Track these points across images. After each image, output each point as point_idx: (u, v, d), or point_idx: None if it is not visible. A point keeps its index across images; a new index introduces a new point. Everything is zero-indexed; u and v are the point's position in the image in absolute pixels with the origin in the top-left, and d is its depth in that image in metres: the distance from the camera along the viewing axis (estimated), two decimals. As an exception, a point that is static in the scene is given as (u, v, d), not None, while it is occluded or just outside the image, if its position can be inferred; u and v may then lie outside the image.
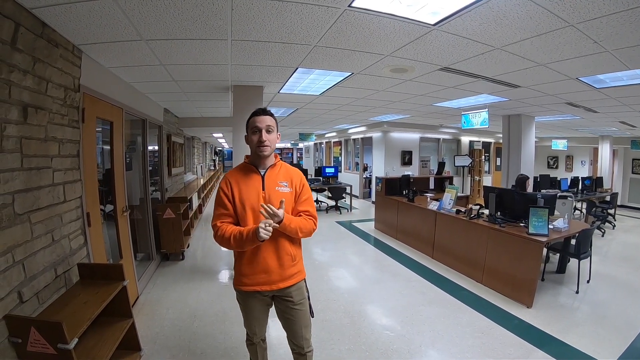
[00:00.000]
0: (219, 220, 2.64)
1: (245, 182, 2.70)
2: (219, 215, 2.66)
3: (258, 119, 2.65)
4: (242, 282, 2.74)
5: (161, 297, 5.42)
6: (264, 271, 2.69)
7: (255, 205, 2.62)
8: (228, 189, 2.68)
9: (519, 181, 7.66)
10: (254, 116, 2.68)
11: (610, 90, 5.97)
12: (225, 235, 2.54)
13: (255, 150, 2.68)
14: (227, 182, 2.70)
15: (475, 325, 4.59)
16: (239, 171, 2.77)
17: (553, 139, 16.54)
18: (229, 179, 2.72)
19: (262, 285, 2.72)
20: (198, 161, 16.47)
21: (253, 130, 2.66)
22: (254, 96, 5.92)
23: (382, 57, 4.32)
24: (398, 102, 7.78)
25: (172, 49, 3.94)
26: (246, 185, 2.68)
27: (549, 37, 3.51)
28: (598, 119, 9.75)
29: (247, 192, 2.66)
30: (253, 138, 2.66)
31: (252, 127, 2.66)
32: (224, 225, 2.60)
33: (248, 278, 2.71)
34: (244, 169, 2.78)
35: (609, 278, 6.42)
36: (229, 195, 2.66)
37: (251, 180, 2.70)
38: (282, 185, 2.74)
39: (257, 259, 2.68)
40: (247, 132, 2.73)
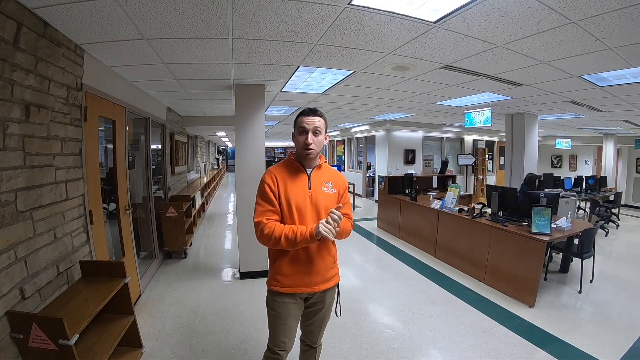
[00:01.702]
0: (264, 216, 2.47)
1: (291, 179, 2.59)
2: (264, 211, 2.49)
3: (306, 119, 2.55)
4: (281, 282, 2.59)
5: (163, 294, 5.45)
6: (307, 272, 2.60)
7: (302, 204, 2.54)
8: (274, 184, 2.54)
9: (529, 180, 7.78)
10: (303, 116, 2.57)
11: (614, 89, 5.94)
12: (275, 234, 2.38)
13: (301, 153, 2.59)
14: (272, 177, 2.56)
15: (477, 325, 4.59)
16: (284, 167, 2.65)
17: (557, 137, 16.50)
18: (274, 174, 2.57)
19: (303, 287, 2.61)
20: (201, 160, 16.47)
21: (300, 131, 2.56)
22: (256, 95, 5.92)
23: (384, 55, 4.32)
24: (400, 100, 7.77)
25: (174, 48, 3.95)
26: (293, 183, 2.57)
27: (551, 34, 3.50)
28: (602, 117, 9.71)
29: (293, 190, 2.56)
30: (300, 139, 2.56)
31: (300, 127, 2.56)
32: (270, 223, 2.44)
33: (289, 278, 2.58)
34: (290, 165, 2.67)
35: (612, 278, 6.40)
36: (275, 191, 2.53)
37: (298, 179, 2.61)
38: (327, 187, 2.69)
39: (301, 258, 2.58)
40: (295, 130, 2.63)
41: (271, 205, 2.49)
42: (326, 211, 2.55)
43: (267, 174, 2.59)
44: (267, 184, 2.53)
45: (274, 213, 2.49)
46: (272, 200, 2.50)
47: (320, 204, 2.59)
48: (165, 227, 6.95)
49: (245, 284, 5.90)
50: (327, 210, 2.55)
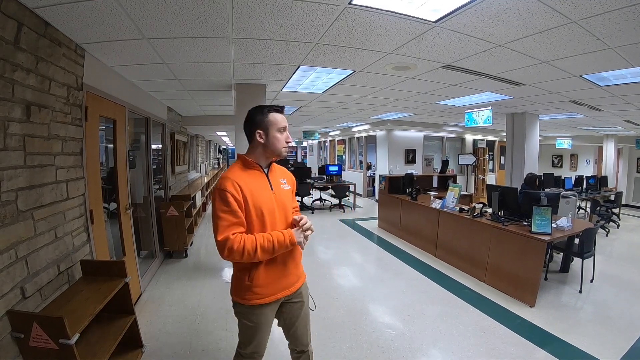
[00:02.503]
0: (229, 231, 2.24)
1: (254, 183, 2.40)
2: (228, 226, 2.25)
3: (282, 118, 2.50)
4: (260, 293, 2.44)
5: (164, 294, 5.45)
6: (283, 275, 2.53)
7: (270, 207, 2.42)
8: (238, 192, 2.29)
9: (530, 180, 7.84)
10: (278, 113, 2.49)
11: (614, 88, 5.95)
12: (247, 247, 2.22)
13: (281, 151, 2.49)
14: (235, 185, 2.30)
15: (478, 324, 4.59)
16: (242, 171, 2.44)
17: (557, 137, 16.50)
18: (236, 181, 2.31)
19: (283, 291, 2.55)
20: (202, 159, 16.47)
21: (279, 129, 2.45)
22: (256, 94, 5.92)
23: (384, 54, 4.33)
24: (401, 100, 7.78)
25: (174, 48, 3.96)
26: (256, 187, 2.40)
27: (551, 34, 3.50)
28: (602, 117, 9.71)
29: (260, 194, 2.39)
30: (280, 137, 2.46)
31: (280, 125, 2.46)
32: (237, 237, 2.23)
33: (267, 288, 2.45)
34: (247, 167, 2.47)
35: (612, 278, 6.40)
36: (240, 201, 2.29)
37: (259, 181, 2.45)
38: (283, 183, 2.63)
39: (276, 264, 2.47)
40: (268, 128, 2.44)
41: (236, 218, 2.28)
42: (290, 209, 2.58)
43: (227, 181, 2.31)
44: (230, 194, 2.27)
45: (239, 225, 2.29)
46: (237, 211, 2.28)
47: (285, 203, 2.55)
48: (166, 226, 6.95)
49: (246, 283, 5.85)
50: (290, 208, 2.61)
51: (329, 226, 10.68)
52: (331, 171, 14.16)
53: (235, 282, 2.56)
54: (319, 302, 5.12)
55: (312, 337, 3.09)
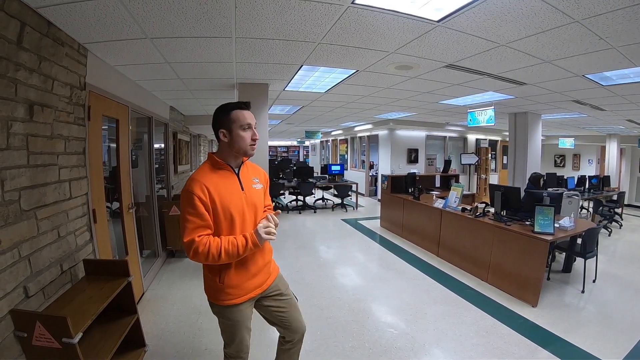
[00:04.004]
0: (195, 234, 2.25)
1: (223, 184, 2.40)
2: (194, 228, 2.26)
3: (248, 114, 2.43)
4: (231, 294, 2.47)
5: (167, 293, 5.45)
6: (254, 274, 2.55)
7: (240, 208, 2.42)
8: (205, 194, 2.28)
9: (534, 179, 7.88)
10: (241, 110, 2.42)
11: (617, 88, 5.94)
12: (212, 251, 2.23)
13: (246, 150, 2.44)
14: (202, 187, 2.28)
15: (480, 324, 4.58)
16: (210, 172, 2.42)
17: (560, 137, 16.46)
18: (203, 183, 2.30)
19: (255, 290, 2.58)
20: (204, 158, 16.48)
21: (244, 127, 2.40)
22: (259, 94, 5.95)
23: (387, 54, 4.33)
24: (404, 99, 7.78)
25: (177, 47, 3.97)
26: (225, 189, 2.39)
27: (554, 33, 3.50)
28: (605, 117, 9.70)
29: (228, 195, 2.39)
30: (245, 135, 2.41)
31: (245, 123, 2.39)
32: (203, 239, 2.25)
33: (239, 288, 2.49)
34: (216, 167, 2.46)
35: (615, 278, 6.39)
36: (207, 203, 2.29)
37: (229, 182, 2.44)
38: (256, 182, 2.63)
39: (246, 264, 2.50)
40: (231, 127, 2.40)
41: (202, 220, 2.27)
42: (261, 208, 2.60)
43: (195, 183, 2.30)
44: (197, 197, 2.26)
45: (206, 228, 2.30)
46: (203, 214, 2.27)
47: (256, 203, 2.55)
48: (169, 225, 6.95)
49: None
50: (261, 207, 2.64)
51: (331, 225, 10.69)
52: (333, 171, 14.17)
53: (208, 283, 2.58)
54: (321, 302, 5.18)
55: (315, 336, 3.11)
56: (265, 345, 3.96)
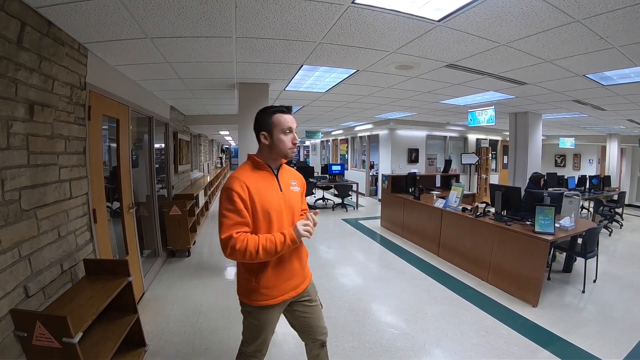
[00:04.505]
0: (233, 230, 2.24)
1: (263, 184, 2.41)
2: (232, 225, 2.25)
3: (289, 118, 2.46)
4: (266, 295, 2.45)
5: (167, 293, 5.46)
6: (291, 276, 2.54)
7: (278, 208, 2.43)
8: (245, 193, 2.30)
9: (535, 179, 7.90)
10: (283, 114, 2.45)
11: (618, 88, 5.94)
12: (249, 247, 2.21)
13: (286, 152, 2.46)
14: (242, 185, 2.30)
15: (480, 324, 4.58)
16: (251, 171, 2.45)
17: (560, 137, 16.45)
18: (244, 182, 2.32)
19: (290, 292, 2.55)
20: (205, 159, 16.49)
21: (285, 130, 2.42)
22: (259, 94, 5.94)
23: (387, 53, 4.32)
24: (404, 99, 7.77)
25: (177, 47, 3.96)
26: (265, 189, 2.41)
27: (555, 33, 3.50)
28: (606, 116, 9.69)
29: (268, 196, 2.40)
30: (285, 138, 2.43)
31: (285, 126, 2.42)
32: (241, 236, 2.23)
33: (276, 289, 2.46)
34: (256, 168, 2.49)
35: (615, 278, 6.39)
36: (246, 201, 2.30)
37: (268, 182, 2.46)
38: (293, 185, 2.64)
39: (283, 265, 2.48)
40: (272, 130, 2.43)
41: (241, 217, 2.28)
42: (298, 211, 2.61)
43: (235, 181, 2.32)
44: (237, 194, 2.28)
45: (244, 225, 2.29)
46: (242, 211, 2.28)
47: (293, 205, 2.56)
48: (169, 225, 6.97)
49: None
50: (298, 210, 2.62)
51: (332, 225, 10.69)
52: (334, 170, 14.18)
53: (242, 282, 2.54)
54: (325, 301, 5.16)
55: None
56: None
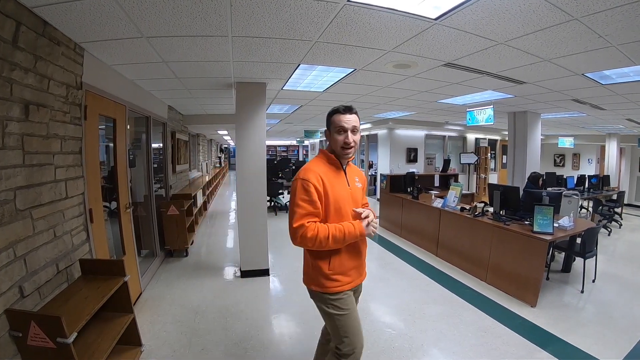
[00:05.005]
0: (305, 220, 2.35)
1: (334, 178, 2.53)
2: (305, 214, 2.36)
3: (344, 118, 2.50)
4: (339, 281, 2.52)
5: (164, 293, 5.45)
6: (359, 264, 2.66)
7: (346, 201, 2.53)
8: (320, 185, 2.41)
9: (533, 179, 7.90)
10: (339, 114, 2.52)
11: (617, 87, 5.91)
12: (320, 235, 2.31)
13: (339, 152, 2.55)
14: (318, 177, 2.42)
15: (479, 325, 4.56)
16: (325, 164, 2.58)
17: (559, 136, 16.43)
18: (319, 174, 2.44)
19: (358, 279, 2.68)
20: (203, 158, 16.47)
21: (338, 130, 2.50)
22: (256, 93, 5.91)
23: (384, 52, 4.30)
24: (402, 98, 7.75)
25: (174, 46, 3.94)
26: (336, 181, 2.53)
27: (553, 31, 3.47)
28: (605, 116, 9.66)
29: (339, 188, 2.52)
30: (339, 138, 2.50)
31: (338, 126, 2.50)
32: (312, 225, 2.34)
33: (346, 275, 2.55)
34: (329, 162, 2.60)
35: (614, 278, 6.38)
36: (320, 193, 2.41)
37: (339, 176, 2.58)
38: (356, 181, 2.75)
39: (352, 252, 2.58)
40: (329, 129, 2.58)
41: (314, 208, 2.38)
42: (359, 205, 2.70)
43: (311, 173, 2.43)
44: (314, 185, 2.38)
45: (315, 215, 2.40)
46: (316, 202, 2.39)
47: (357, 199, 2.67)
48: (167, 225, 6.96)
49: (246, 282, 5.90)
50: (360, 204, 2.73)
51: (330, 225, 10.59)
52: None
53: (313, 271, 2.59)
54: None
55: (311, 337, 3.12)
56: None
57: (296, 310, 4.94)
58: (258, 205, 6.17)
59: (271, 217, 11.37)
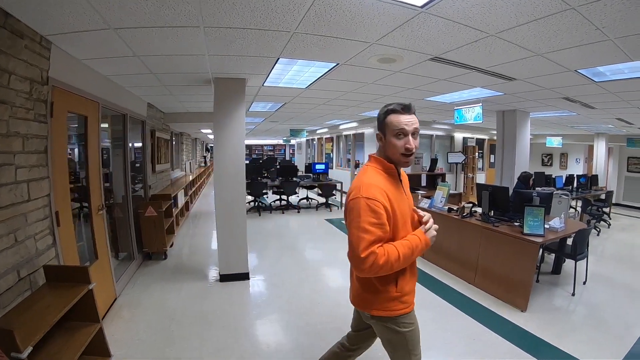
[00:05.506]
0: (374, 247, 1.99)
1: (396, 190, 2.22)
2: (374, 241, 2.00)
3: (404, 119, 2.17)
4: (407, 302, 2.29)
5: (140, 298, 5.24)
6: (415, 280, 2.41)
7: (408, 213, 2.29)
8: (387, 203, 2.08)
9: (524, 178, 7.88)
10: (398, 114, 2.19)
11: (610, 84, 5.79)
12: (392, 259, 2.01)
13: (398, 159, 2.20)
14: (384, 195, 2.09)
15: (467, 331, 4.42)
16: (383, 175, 2.23)
17: (547, 136, 16.54)
18: (384, 190, 2.11)
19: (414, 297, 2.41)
20: (187, 157, 16.22)
21: (397, 133, 2.16)
22: (236, 89, 5.70)
23: (368, 45, 4.08)
24: (388, 96, 7.57)
25: (144, 38, 3.70)
26: (398, 194, 2.23)
27: (548, 21, 3.29)
28: (595, 115, 9.60)
29: (401, 202, 2.23)
30: (398, 143, 2.16)
31: (398, 128, 2.15)
32: (381, 250, 2.00)
33: (411, 295, 2.33)
34: (386, 171, 2.25)
35: (605, 279, 6.33)
36: (389, 212, 2.09)
37: (397, 187, 2.26)
38: (407, 186, 2.50)
39: (413, 268, 2.36)
40: (384, 132, 2.23)
41: (384, 232, 2.05)
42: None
43: (376, 190, 2.08)
44: (383, 205, 2.05)
45: (383, 239, 2.06)
46: (385, 225, 2.05)
47: (412, 206, 2.38)
48: (145, 227, 6.74)
49: (225, 287, 5.70)
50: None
51: (316, 225, 10.59)
52: (317, 169, 14.07)
53: (378, 295, 2.28)
54: (301, 307, 5.00)
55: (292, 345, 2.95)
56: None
57: (276, 317, 4.77)
58: (237, 207, 5.94)
59: (254, 217, 11.28)
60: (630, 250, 8.71)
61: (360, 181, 2.16)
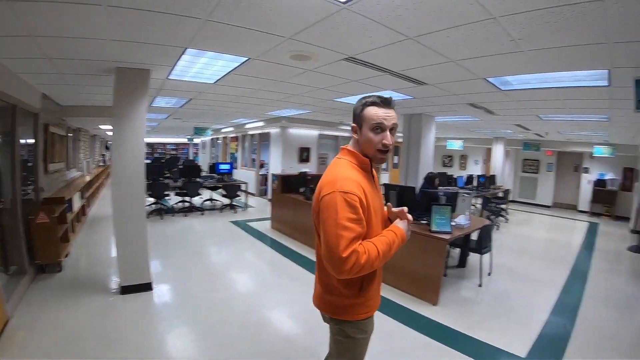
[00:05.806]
0: (356, 244, 1.88)
1: (369, 185, 2.13)
2: (354, 238, 1.89)
3: (384, 112, 2.07)
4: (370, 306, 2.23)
5: (35, 319, 4.57)
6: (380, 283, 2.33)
7: (380, 209, 2.26)
8: (364, 197, 1.99)
9: (429, 179, 8.24)
10: (375, 107, 2.08)
11: (515, 93, 6.08)
12: (372, 257, 1.90)
13: (374, 155, 2.11)
14: (361, 189, 1.99)
15: (383, 329, 4.32)
16: (358, 169, 2.13)
17: (449, 139, 17.40)
18: (360, 184, 2.01)
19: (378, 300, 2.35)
20: (85, 156, 15.14)
21: (374, 127, 2.06)
22: (138, 81, 5.28)
23: (283, 39, 3.93)
24: (298, 95, 7.51)
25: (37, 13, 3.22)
26: (372, 189, 2.14)
27: (468, 29, 3.34)
28: (495, 121, 10.17)
29: (375, 198, 2.17)
30: (375, 138, 2.07)
31: (376, 122, 2.05)
32: (361, 248, 1.89)
33: (374, 299, 2.26)
34: (361, 166, 2.15)
35: (507, 269, 6.83)
36: (365, 208, 1.99)
37: (371, 182, 2.18)
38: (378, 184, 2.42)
39: (379, 273, 2.28)
40: (359, 124, 2.13)
41: (362, 227, 1.95)
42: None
43: (353, 184, 1.97)
44: (360, 200, 1.95)
45: (362, 236, 1.95)
46: (363, 220, 1.96)
47: (382, 205, 2.36)
48: (36, 235, 5.93)
49: (128, 299, 5.19)
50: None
51: (220, 228, 10.29)
52: (222, 170, 13.82)
53: (341, 299, 2.18)
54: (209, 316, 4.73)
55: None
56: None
57: (185, 330, 4.47)
58: (136, 210, 5.43)
59: (156, 221, 10.67)
60: (527, 242, 9.72)
61: (335, 175, 2.05)
